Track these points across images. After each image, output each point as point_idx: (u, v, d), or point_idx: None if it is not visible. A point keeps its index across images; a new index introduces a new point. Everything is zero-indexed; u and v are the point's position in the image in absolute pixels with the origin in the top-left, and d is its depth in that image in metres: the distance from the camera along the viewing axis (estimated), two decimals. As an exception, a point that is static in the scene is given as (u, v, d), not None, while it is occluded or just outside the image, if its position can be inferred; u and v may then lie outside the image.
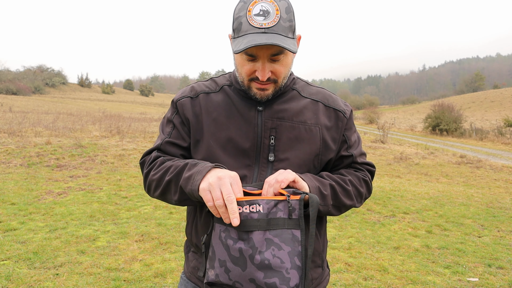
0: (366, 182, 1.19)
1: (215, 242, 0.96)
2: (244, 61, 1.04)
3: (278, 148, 1.09)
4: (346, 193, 1.12)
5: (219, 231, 0.96)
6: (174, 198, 1.04)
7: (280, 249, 0.92)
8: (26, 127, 12.42)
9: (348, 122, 1.19)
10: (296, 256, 0.93)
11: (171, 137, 1.14)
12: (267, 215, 0.92)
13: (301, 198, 0.94)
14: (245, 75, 1.06)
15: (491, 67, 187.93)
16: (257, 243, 0.91)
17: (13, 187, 6.17)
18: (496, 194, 7.24)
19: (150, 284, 3.08)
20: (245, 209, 0.92)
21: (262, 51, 1.00)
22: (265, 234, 0.92)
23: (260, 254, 0.91)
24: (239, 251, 0.92)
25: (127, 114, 29.35)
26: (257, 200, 0.92)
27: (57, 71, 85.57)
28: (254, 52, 1.00)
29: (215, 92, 1.17)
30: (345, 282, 3.24)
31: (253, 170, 1.09)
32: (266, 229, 0.92)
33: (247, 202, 0.92)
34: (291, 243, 0.93)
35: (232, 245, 0.93)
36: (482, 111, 51.55)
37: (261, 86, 1.06)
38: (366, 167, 1.22)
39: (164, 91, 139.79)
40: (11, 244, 3.78)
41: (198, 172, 0.97)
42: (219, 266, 0.94)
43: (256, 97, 1.08)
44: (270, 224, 0.92)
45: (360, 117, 45.03)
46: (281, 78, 1.07)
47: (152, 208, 5.27)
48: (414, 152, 13.37)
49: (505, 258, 3.87)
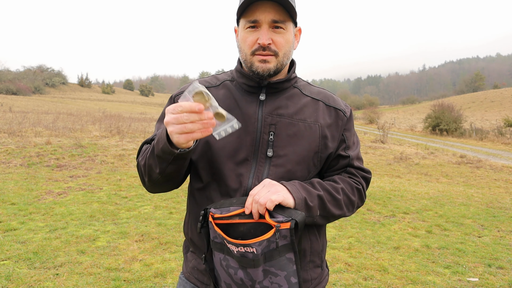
0: (359, 190, 1.17)
1: (218, 267, 1.04)
2: (246, 33, 1.07)
3: (277, 144, 1.09)
4: (335, 203, 1.10)
5: (219, 259, 1.02)
6: (156, 171, 1.02)
7: (277, 276, 0.97)
8: (26, 127, 12.41)
9: (348, 123, 1.19)
10: (292, 276, 0.98)
11: None
12: (261, 253, 0.96)
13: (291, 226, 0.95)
14: (248, 47, 1.07)
15: (491, 67, 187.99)
16: (255, 276, 0.97)
17: (13, 187, 6.17)
18: (496, 194, 7.24)
19: (150, 284, 3.08)
20: (240, 249, 0.96)
21: (264, 14, 1.03)
22: (262, 267, 0.97)
23: (259, 284, 0.98)
24: (241, 280, 0.99)
25: (127, 114, 29.34)
26: (250, 243, 0.95)
27: (57, 71, 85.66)
28: (257, 16, 1.04)
29: (216, 87, 1.18)
30: (345, 282, 3.24)
31: (251, 164, 1.09)
32: (263, 263, 0.97)
33: (242, 245, 0.96)
34: (286, 267, 0.97)
35: (234, 274, 1.00)
36: (482, 111, 51.55)
37: (263, 57, 1.06)
38: (361, 174, 1.20)
39: (164, 91, 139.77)
40: (11, 244, 3.78)
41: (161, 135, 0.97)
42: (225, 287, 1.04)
43: (258, 71, 1.08)
44: (266, 258, 0.96)
45: (360, 117, 45.01)
46: (282, 52, 1.08)
47: (152, 208, 5.27)
48: (414, 152, 13.37)
49: (505, 258, 3.87)
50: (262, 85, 1.12)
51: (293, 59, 1.19)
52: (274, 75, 1.10)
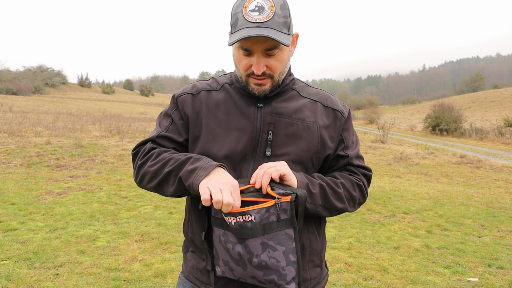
0: (359, 186, 1.17)
1: (217, 244, 1.04)
2: (240, 56, 1.07)
3: (276, 143, 1.10)
4: (336, 196, 1.11)
5: (218, 235, 1.02)
6: (170, 190, 1.06)
7: (275, 250, 0.97)
8: (26, 127, 12.41)
9: (346, 123, 1.19)
10: (290, 253, 0.98)
11: (168, 131, 1.16)
12: (260, 222, 0.96)
13: (291, 199, 0.96)
14: (243, 70, 1.08)
15: (491, 67, 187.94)
16: (253, 248, 0.97)
17: (13, 187, 6.17)
18: (496, 194, 7.24)
19: (150, 284, 3.09)
20: (238, 219, 0.96)
21: (256, 45, 1.02)
22: (260, 238, 0.97)
23: (257, 257, 0.97)
24: (238, 254, 0.99)
25: (127, 114, 29.34)
26: (248, 211, 0.95)
27: (57, 71, 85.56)
28: (249, 46, 1.03)
29: (216, 90, 1.19)
30: (345, 282, 3.24)
31: (249, 163, 1.10)
32: (262, 234, 0.97)
33: (240, 213, 0.95)
34: (285, 243, 0.98)
35: (232, 248, 0.99)
36: (482, 111, 51.54)
37: (258, 81, 1.07)
38: (361, 171, 1.20)
39: (164, 91, 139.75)
40: (11, 244, 3.78)
41: (203, 168, 0.99)
42: (223, 265, 1.03)
43: (254, 92, 1.09)
44: (265, 229, 0.97)
45: (360, 117, 45.02)
46: (277, 74, 1.08)
47: (152, 208, 5.27)
48: (414, 152, 13.37)
49: (505, 258, 3.88)
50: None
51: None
52: (271, 93, 1.12)
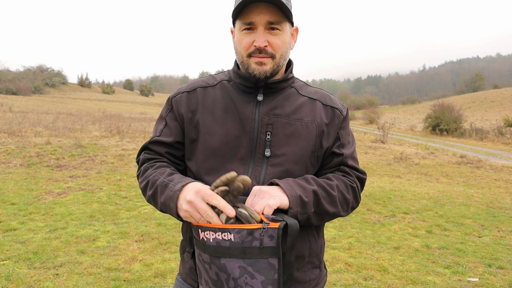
0: (353, 189, 1.13)
1: (198, 262, 1.01)
2: (242, 35, 1.06)
3: (274, 143, 1.09)
4: (330, 200, 1.07)
5: (197, 254, 1.00)
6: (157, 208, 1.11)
7: (253, 278, 0.90)
8: (26, 127, 12.41)
9: (344, 122, 1.18)
10: (270, 284, 0.91)
11: (162, 135, 1.17)
12: (241, 244, 0.90)
13: (280, 226, 0.90)
14: (244, 49, 1.07)
15: (491, 67, 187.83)
16: (230, 269, 0.91)
17: (13, 187, 6.17)
18: (496, 194, 7.24)
19: (150, 284, 3.08)
20: (217, 235, 0.91)
21: (259, 16, 1.02)
22: (238, 261, 0.91)
23: (233, 280, 0.91)
24: (216, 274, 0.94)
25: (127, 114, 29.33)
26: (228, 229, 0.90)
27: (57, 71, 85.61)
28: (252, 18, 1.03)
29: (213, 86, 1.18)
30: (345, 282, 3.24)
31: (248, 164, 1.09)
32: (241, 258, 0.91)
33: (220, 229, 0.91)
34: (265, 272, 0.91)
35: (209, 269, 0.95)
36: (482, 111, 51.54)
37: (259, 59, 1.06)
38: (355, 173, 1.17)
39: (164, 91, 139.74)
40: (11, 244, 3.78)
41: (170, 198, 1.00)
42: (205, 284, 0.99)
43: (254, 73, 1.07)
44: (245, 253, 0.90)
45: (360, 117, 45.02)
46: (278, 53, 1.07)
47: (152, 208, 5.27)
48: (414, 152, 13.37)
49: (505, 258, 3.87)
50: (259, 86, 1.12)
51: (290, 59, 1.18)
52: (271, 77, 1.10)
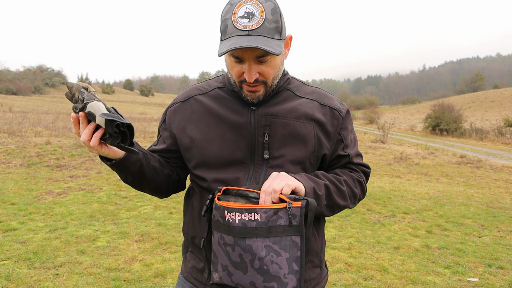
0: (360, 183, 1.18)
1: (216, 248, 1.00)
2: (232, 63, 1.05)
3: (273, 145, 1.09)
4: (340, 194, 1.11)
5: (217, 238, 0.99)
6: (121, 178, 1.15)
7: (278, 256, 0.93)
8: (26, 127, 12.41)
9: (344, 121, 1.18)
10: (294, 261, 0.94)
11: (157, 145, 1.23)
12: (266, 223, 0.92)
13: (302, 205, 0.93)
14: (235, 76, 1.07)
15: (491, 67, 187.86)
16: (255, 249, 0.93)
17: (13, 187, 6.17)
18: (496, 194, 7.24)
19: (150, 284, 3.08)
20: (243, 216, 0.93)
21: (247, 53, 1.00)
22: (264, 241, 0.93)
23: (259, 260, 0.93)
24: (239, 256, 0.95)
25: (127, 114, 29.33)
26: (255, 209, 0.93)
27: (57, 71, 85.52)
28: (240, 55, 1.01)
29: (207, 93, 1.17)
30: (345, 282, 3.24)
31: (248, 168, 1.09)
32: (266, 237, 0.93)
33: (246, 210, 0.93)
34: (290, 249, 0.94)
35: (231, 251, 0.95)
36: (482, 111, 51.53)
37: (250, 88, 1.06)
38: (361, 168, 1.21)
39: (164, 91, 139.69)
40: (11, 244, 3.78)
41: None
42: (222, 270, 0.98)
43: (247, 98, 1.08)
44: (270, 232, 0.93)
45: (360, 117, 45.04)
46: (270, 80, 1.06)
47: (152, 208, 5.27)
48: (414, 152, 13.37)
49: (505, 258, 3.87)
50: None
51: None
52: (265, 98, 1.11)
